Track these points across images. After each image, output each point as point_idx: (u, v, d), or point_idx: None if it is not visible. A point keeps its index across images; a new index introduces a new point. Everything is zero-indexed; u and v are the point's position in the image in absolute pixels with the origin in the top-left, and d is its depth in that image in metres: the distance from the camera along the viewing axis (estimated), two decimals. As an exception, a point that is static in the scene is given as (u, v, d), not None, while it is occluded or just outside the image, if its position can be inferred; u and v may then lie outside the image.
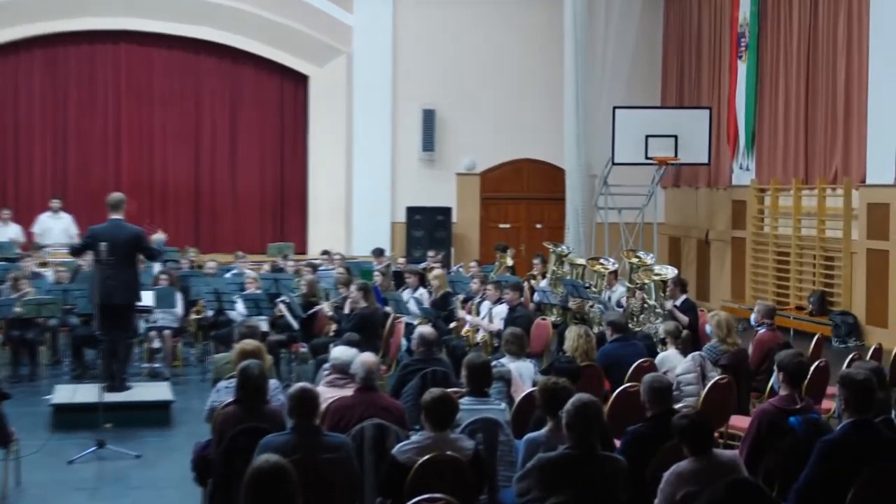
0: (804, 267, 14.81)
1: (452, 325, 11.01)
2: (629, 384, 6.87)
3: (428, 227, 17.82)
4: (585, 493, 4.69)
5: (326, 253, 15.00)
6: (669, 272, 10.93)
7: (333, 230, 18.08)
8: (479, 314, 10.65)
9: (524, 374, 7.34)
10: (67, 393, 9.21)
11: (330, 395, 6.23)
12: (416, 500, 4.42)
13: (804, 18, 14.69)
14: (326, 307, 10.76)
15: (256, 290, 11.32)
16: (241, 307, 11.10)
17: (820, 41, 14.35)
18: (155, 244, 9.74)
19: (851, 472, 4.71)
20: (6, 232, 15.06)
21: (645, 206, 17.28)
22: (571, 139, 17.24)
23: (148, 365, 11.09)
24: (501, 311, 10.29)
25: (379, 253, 14.86)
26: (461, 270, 14.42)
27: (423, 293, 11.84)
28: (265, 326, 10.62)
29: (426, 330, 7.76)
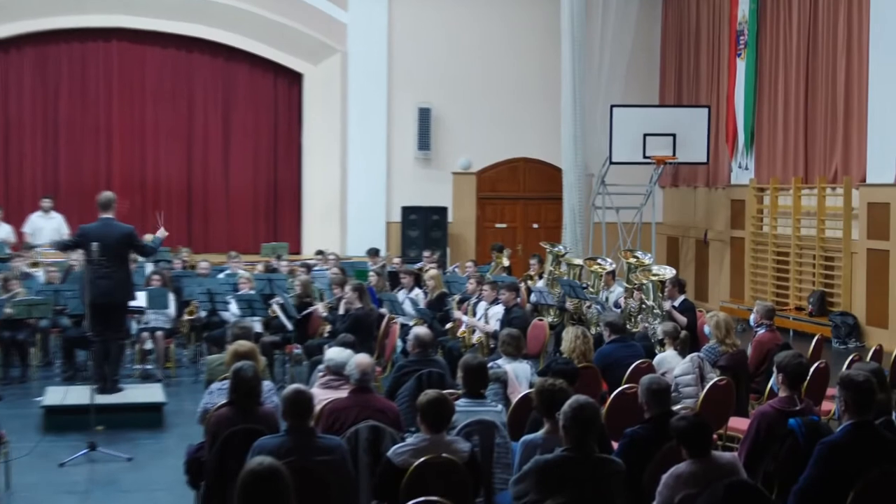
0: (804, 267, 14.75)
1: (448, 326, 10.96)
2: (627, 385, 6.87)
3: (423, 226, 17.72)
4: (582, 496, 4.66)
5: (321, 253, 14.92)
6: (667, 272, 10.92)
7: (328, 230, 17.99)
8: (475, 315, 10.59)
9: (521, 375, 7.35)
10: (59, 395, 9.19)
11: (324, 396, 6.21)
12: (411, 503, 4.40)
13: (804, 16, 14.64)
14: (321, 308, 10.74)
15: (250, 290, 11.26)
16: (234, 308, 11.06)
17: (820, 39, 14.29)
18: (153, 241, 9.72)
19: (852, 474, 4.71)
20: (-4, 232, 14.98)
21: (643, 205, 17.21)
22: (568, 138, 17.15)
23: (140, 366, 11.04)
24: (498, 311, 10.23)
25: (374, 253, 14.82)
26: (457, 271, 14.36)
27: (418, 294, 11.81)
28: (259, 327, 10.62)
29: (422, 331, 7.72)
